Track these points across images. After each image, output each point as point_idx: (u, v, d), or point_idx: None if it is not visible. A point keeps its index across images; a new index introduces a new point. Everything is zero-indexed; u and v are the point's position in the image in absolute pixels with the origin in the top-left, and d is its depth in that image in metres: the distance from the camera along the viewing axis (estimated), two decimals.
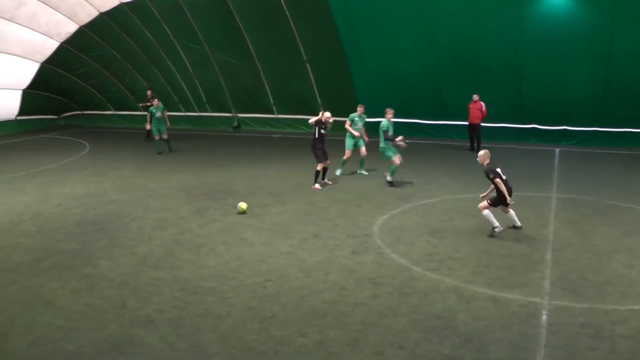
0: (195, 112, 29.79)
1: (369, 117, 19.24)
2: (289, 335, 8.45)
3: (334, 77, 25.06)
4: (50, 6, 25.83)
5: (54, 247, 12.58)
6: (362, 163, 18.84)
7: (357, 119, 18.35)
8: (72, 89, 31.40)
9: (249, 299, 9.70)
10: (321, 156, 16.93)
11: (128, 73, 29.68)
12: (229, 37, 25.82)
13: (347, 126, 18.26)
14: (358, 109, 18.45)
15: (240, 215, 14.42)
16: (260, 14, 24.54)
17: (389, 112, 16.96)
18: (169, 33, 26.60)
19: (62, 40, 28.14)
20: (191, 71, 28.07)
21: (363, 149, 18.49)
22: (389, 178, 17.06)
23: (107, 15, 26.52)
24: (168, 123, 23.84)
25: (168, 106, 29.72)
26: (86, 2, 25.85)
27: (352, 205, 15.19)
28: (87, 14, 26.60)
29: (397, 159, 16.77)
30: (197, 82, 28.52)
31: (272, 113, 28.12)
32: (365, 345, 8.12)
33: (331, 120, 17.20)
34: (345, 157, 18.58)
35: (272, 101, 27.74)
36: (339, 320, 8.89)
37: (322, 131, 16.94)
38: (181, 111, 29.85)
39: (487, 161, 12.49)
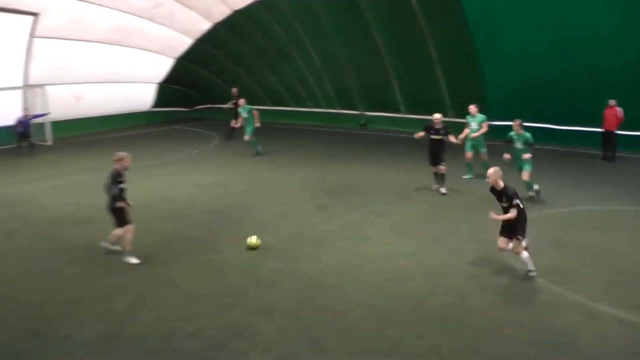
0: (322, 108, 30.16)
1: (498, 119, 18.53)
2: (406, 337, 8.34)
3: (463, 79, 24.50)
4: (186, 6, 27.04)
5: (182, 232, 13.14)
6: (484, 166, 17.47)
7: (469, 119, 17.63)
8: (204, 84, 32.65)
9: (368, 297, 9.66)
10: (430, 161, 16.45)
11: (258, 69, 30.47)
12: (358, 34, 25.88)
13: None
14: (470, 108, 17.67)
15: (365, 213, 14.38)
16: (390, 12, 24.40)
17: (515, 123, 15.55)
18: (299, 30, 27.04)
19: (196, 38, 29.38)
20: (320, 68, 28.40)
21: (482, 154, 17.66)
22: (530, 193, 15.40)
23: (240, 13, 27.33)
24: (257, 123, 22.36)
25: (296, 102, 30.36)
26: (220, 1, 26.79)
27: (476, 209, 14.78)
28: (221, 12, 27.58)
29: (525, 175, 15.26)
30: (325, 78, 28.82)
31: (399, 112, 27.93)
32: (481, 354, 7.86)
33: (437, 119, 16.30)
34: (467, 160, 17.90)
35: (399, 100, 27.56)
36: (457, 325, 8.67)
37: (433, 136, 16.23)
38: (309, 107, 30.30)
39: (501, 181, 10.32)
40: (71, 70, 27.20)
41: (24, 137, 23.31)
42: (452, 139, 16.27)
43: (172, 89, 32.14)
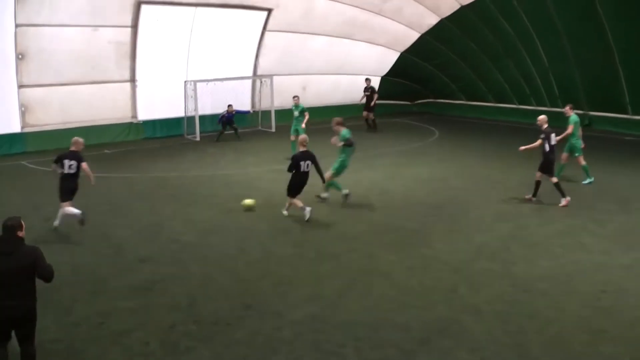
0: (545, 106, 28.70)
1: None
2: (619, 355, 7.70)
3: None
4: (414, 0, 27.14)
5: (395, 224, 13.26)
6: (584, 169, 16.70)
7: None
8: (428, 78, 32.62)
9: (580, 308, 9.05)
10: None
11: (482, 64, 29.74)
12: (588, 30, 24.19)
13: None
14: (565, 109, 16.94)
15: (582, 218, 13.46)
16: (627, 7, 22.45)
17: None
18: (527, 24, 25.92)
19: (423, 32, 29.41)
20: (546, 64, 27.04)
21: (579, 157, 16.53)
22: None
23: (468, 8, 26.84)
24: (304, 125, 20.98)
25: (519, 99, 29.20)
26: None
27: None
28: (449, 7, 27.28)
29: None
30: (551, 75, 27.38)
31: (626, 113, 25.68)
32: None
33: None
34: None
35: (627, 100, 25.30)
36: None
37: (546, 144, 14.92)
38: (532, 105, 29.02)
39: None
40: (299, 62, 28.61)
41: (228, 124, 25.24)
42: None
43: (395, 82, 32.48)
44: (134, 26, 23.49)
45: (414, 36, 29.77)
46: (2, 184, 17.51)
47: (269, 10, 26.30)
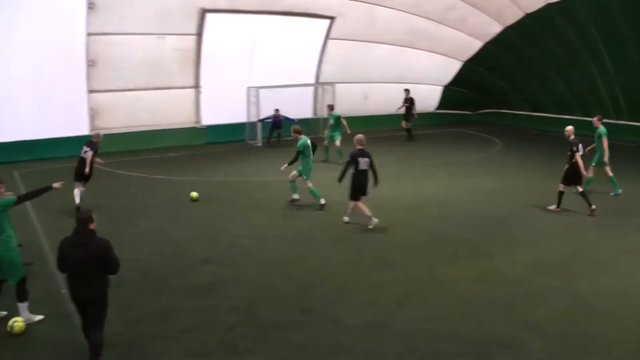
0: (610, 119, 27.94)
1: None
2: None
3: None
4: (478, 9, 26.96)
5: (455, 235, 13.18)
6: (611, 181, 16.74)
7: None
8: (490, 87, 32.25)
9: None
10: None
11: (545, 74, 29.24)
12: None
13: None
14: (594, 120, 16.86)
15: None
16: None
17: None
18: (594, 33, 25.36)
19: (486, 41, 29.13)
20: (612, 75, 26.36)
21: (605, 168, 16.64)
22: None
23: (532, 16, 26.46)
24: (347, 129, 21.62)
25: (583, 110, 28.55)
26: (513, 4, 26.19)
27: None
28: (513, 15, 26.96)
29: None
30: (617, 86, 26.67)
31: None
32: None
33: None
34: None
35: None
36: None
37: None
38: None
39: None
40: (360, 70, 28.71)
41: (276, 129, 25.85)
42: None
43: (457, 91, 32.25)
44: (199, 34, 24.06)
45: (477, 45, 29.52)
46: (71, 184, 18.09)
47: (332, 19, 26.54)
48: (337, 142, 22.05)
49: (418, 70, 30.12)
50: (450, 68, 30.99)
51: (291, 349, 8.14)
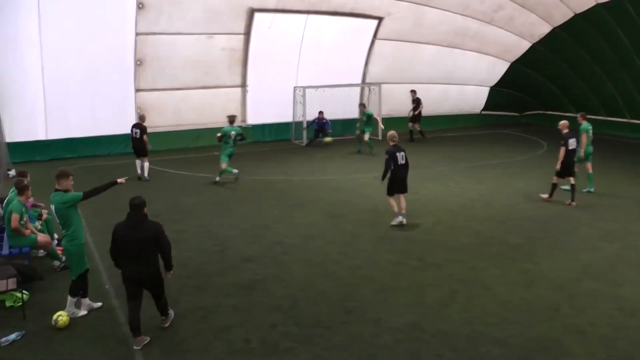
0: None
1: None
2: None
3: None
4: (527, 9, 26.62)
5: (499, 237, 13.06)
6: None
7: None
8: (538, 89, 31.78)
9: None
10: None
11: (594, 75, 28.66)
12: None
13: None
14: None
15: None
16: None
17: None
18: None
19: (534, 41, 28.73)
20: None
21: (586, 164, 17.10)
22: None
23: (582, 16, 25.99)
24: (381, 125, 23.83)
25: (632, 113, 27.94)
26: (562, 4, 25.78)
27: None
28: (563, 15, 26.54)
29: None
30: None
31: None
32: None
33: None
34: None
35: None
36: None
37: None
38: None
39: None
40: (407, 70, 28.59)
41: (321, 132, 25.77)
42: None
43: (504, 92, 31.86)
44: (247, 33, 24.31)
45: (525, 46, 29.12)
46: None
47: (380, 19, 26.50)
48: (366, 137, 23.35)
49: (464, 71, 29.89)
50: (498, 69, 30.62)
51: (332, 349, 8.19)
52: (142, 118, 19.42)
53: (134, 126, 19.08)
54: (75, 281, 9.10)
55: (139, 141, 18.76)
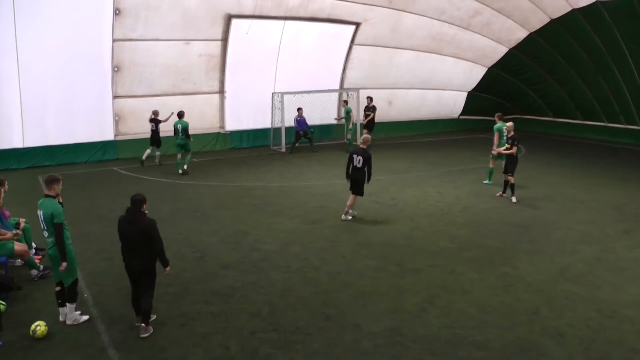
0: (637, 125, 27.65)
1: None
2: None
3: None
4: (504, 14, 26.85)
5: (477, 241, 13.10)
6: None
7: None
8: (514, 93, 32.05)
9: None
10: None
11: (570, 80, 28.99)
12: None
13: None
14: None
15: None
16: None
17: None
18: (619, 38, 25.10)
19: (511, 46, 28.97)
20: (638, 81, 26.03)
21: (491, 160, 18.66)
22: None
23: (558, 22, 26.27)
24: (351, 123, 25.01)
25: (608, 116, 28.31)
26: (538, 9, 26.05)
27: None
28: (539, 21, 26.82)
29: None
30: None
31: None
32: None
33: None
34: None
35: None
36: None
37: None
38: (622, 123, 28.08)
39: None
40: (385, 76, 28.71)
41: (304, 136, 25.60)
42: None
43: (481, 97, 32.07)
44: (224, 39, 24.21)
45: (502, 51, 29.35)
46: (95, 188, 18.34)
47: (357, 24, 26.56)
48: (348, 135, 24.38)
49: (442, 76, 30.05)
50: (475, 74, 30.83)
51: (312, 355, 8.16)
52: (155, 113, 21.81)
53: (151, 120, 21.81)
54: (71, 286, 9.01)
55: (156, 133, 21.77)
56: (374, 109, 25.72)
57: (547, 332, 8.77)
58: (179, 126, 20.55)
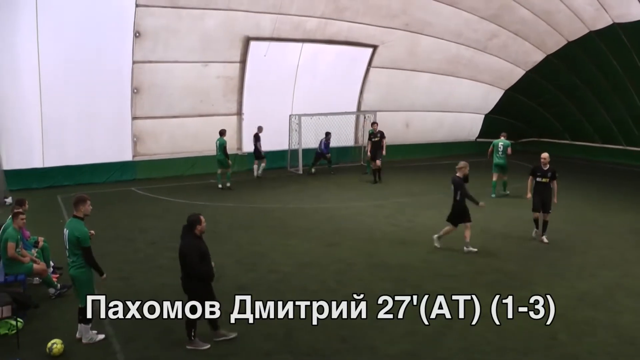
0: None
1: None
2: None
3: None
4: (520, 37, 26.92)
5: (494, 265, 13.05)
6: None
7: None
8: (532, 116, 31.97)
9: None
10: None
11: (588, 103, 28.86)
12: None
13: None
14: None
15: None
16: None
17: None
18: (637, 61, 24.96)
19: (528, 69, 28.99)
20: None
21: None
22: None
23: (575, 44, 26.25)
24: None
25: (626, 139, 28.11)
26: (555, 32, 26.09)
27: None
28: (556, 43, 26.85)
29: None
30: None
31: None
32: None
33: None
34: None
35: None
36: None
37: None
38: None
39: None
40: (402, 98, 28.83)
41: (323, 157, 25.74)
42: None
43: (499, 120, 32.02)
44: (242, 61, 24.44)
45: (519, 73, 29.39)
46: (113, 208, 18.47)
47: (374, 47, 26.74)
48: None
49: (459, 99, 30.12)
50: (492, 96, 30.88)
51: None
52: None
53: (254, 137, 24.03)
54: (83, 308, 9.04)
55: (255, 148, 24.09)
56: (382, 134, 23.96)
57: (565, 358, 8.67)
58: (217, 143, 21.74)
